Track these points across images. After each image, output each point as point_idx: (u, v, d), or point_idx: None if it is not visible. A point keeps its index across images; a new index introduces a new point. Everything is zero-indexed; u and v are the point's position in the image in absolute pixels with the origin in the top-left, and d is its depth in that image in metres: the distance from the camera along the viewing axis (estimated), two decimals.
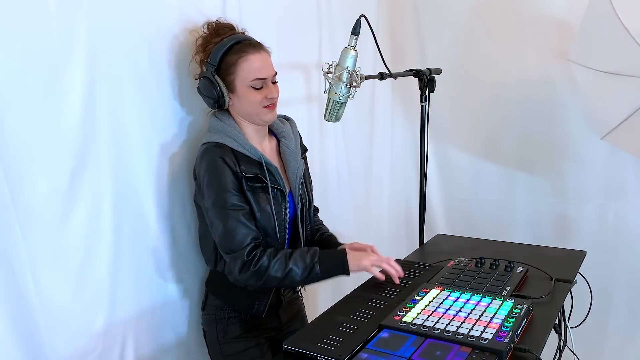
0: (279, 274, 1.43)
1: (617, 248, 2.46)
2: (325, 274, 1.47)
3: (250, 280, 1.44)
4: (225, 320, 1.58)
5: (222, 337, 1.58)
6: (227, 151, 1.46)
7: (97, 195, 1.38)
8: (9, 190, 1.17)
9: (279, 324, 1.66)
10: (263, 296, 1.57)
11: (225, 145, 1.47)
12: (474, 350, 1.13)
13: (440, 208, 2.86)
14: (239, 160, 1.47)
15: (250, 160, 1.49)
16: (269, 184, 1.50)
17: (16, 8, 1.16)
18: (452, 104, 2.67)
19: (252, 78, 1.47)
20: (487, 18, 2.54)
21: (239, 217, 1.44)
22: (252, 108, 1.51)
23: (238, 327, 1.58)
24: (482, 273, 1.56)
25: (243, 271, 1.43)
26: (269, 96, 1.50)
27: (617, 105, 2.02)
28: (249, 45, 1.48)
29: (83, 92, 1.32)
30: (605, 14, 1.87)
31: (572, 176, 2.50)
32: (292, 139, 1.64)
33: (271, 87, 1.52)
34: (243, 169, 1.46)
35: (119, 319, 1.47)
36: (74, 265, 1.34)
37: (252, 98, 1.49)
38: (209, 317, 1.62)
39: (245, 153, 1.49)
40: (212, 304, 1.61)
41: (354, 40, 1.54)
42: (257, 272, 1.42)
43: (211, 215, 1.46)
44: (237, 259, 1.43)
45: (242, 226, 1.44)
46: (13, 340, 1.20)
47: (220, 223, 1.44)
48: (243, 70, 1.47)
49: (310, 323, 1.36)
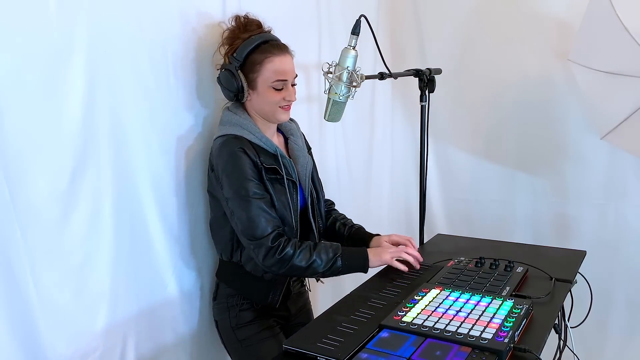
0: (303, 264, 1.48)
1: (617, 248, 2.46)
2: (346, 268, 1.53)
3: (274, 267, 1.49)
4: (238, 307, 1.61)
5: (235, 324, 1.62)
6: (245, 143, 1.51)
7: (97, 195, 1.38)
8: (8, 190, 1.17)
9: (288, 313, 1.70)
10: (278, 286, 1.61)
11: (243, 137, 1.52)
12: (473, 350, 1.13)
13: (440, 208, 2.86)
14: (258, 152, 1.52)
15: (267, 153, 1.55)
16: (284, 175, 1.55)
17: (16, 8, 1.16)
18: (452, 104, 2.67)
19: (275, 79, 1.52)
20: (487, 18, 2.54)
21: (262, 205, 1.49)
22: (269, 107, 1.56)
23: (250, 313, 1.62)
24: (482, 273, 1.56)
25: (267, 257, 1.47)
26: (287, 98, 1.56)
27: (617, 105, 2.02)
28: (275, 47, 1.53)
29: (83, 92, 1.31)
30: (605, 14, 1.87)
31: (572, 176, 2.50)
32: (299, 136, 1.71)
33: (290, 89, 1.57)
34: (263, 159, 1.52)
35: (119, 319, 1.47)
36: (74, 265, 1.33)
37: (271, 98, 1.54)
38: (220, 306, 1.65)
39: (262, 145, 1.54)
40: (223, 292, 1.64)
41: (354, 40, 1.54)
42: (282, 259, 1.47)
43: (232, 204, 1.49)
44: (261, 246, 1.47)
45: (265, 214, 1.48)
46: (13, 341, 1.20)
47: (244, 212, 1.48)
48: (267, 71, 1.52)
49: (310, 323, 1.36)
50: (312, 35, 2.17)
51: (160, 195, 1.56)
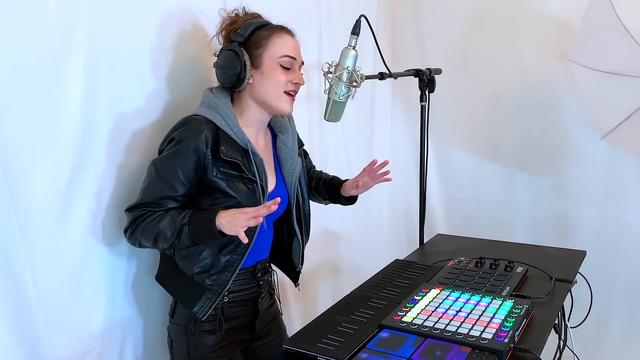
0: (150, 237, 1.31)
1: (617, 248, 2.46)
2: (196, 236, 1.30)
3: (130, 242, 1.36)
4: (197, 333, 1.42)
5: (194, 352, 1.42)
6: (209, 129, 1.33)
7: (96, 194, 1.38)
8: (8, 190, 1.17)
9: (252, 335, 1.53)
10: (210, 295, 1.38)
11: (212, 122, 1.35)
12: (473, 350, 1.13)
13: (440, 208, 2.86)
14: (221, 141, 1.34)
15: (234, 144, 1.36)
16: (248, 174, 1.37)
17: (16, 7, 1.16)
18: (452, 104, 2.67)
19: (283, 54, 1.39)
20: (487, 18, 2.54)
21: (164, 193, 1.32)
22: (274, 89, 1.39)
23: (211, 340, 1.42)
24: (482, 273, 1.56)
25: (126, 232, 1.35)
26: (294, 81, 1.41)
27: (617, 105, 2.02)
28: (284, 28, 1.43)
29: (82, 91, 1.31)
30: (605, 14, 1.87)
31: (572, 176, 2.51)
32: (290, 134, 1.55)
33: (298, 72, 1.43)
34: (222, 150, 1.33)
35: (117, 319, 1.47)
36: (73, 264, 1.34)
37: (277, 77, 1.38)
38: (178, 327, 1.44)
39: (232, 135, 1.37)
40: (181, 313, 1.44)
41: (354, 40, 1.54)
42: (131, 234, 1.33)
43: (149, 171, 1.35)
44: (128, 219, 1.35)
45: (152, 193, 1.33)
46: (12, 340, 1.20)
47: (144, 183, 1.35)
48: (275, 45, 1.39)
49: (310, 323, 1.36)
50: (312, 35, 2.17)
51: None
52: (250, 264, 1.47)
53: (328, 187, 1.69)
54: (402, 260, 1.76)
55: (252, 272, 1.49)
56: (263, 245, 1.52)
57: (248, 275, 1.48)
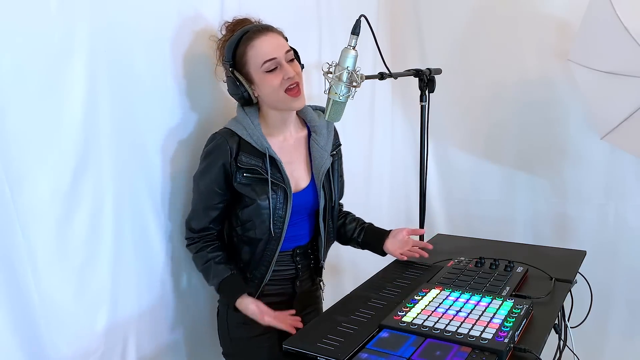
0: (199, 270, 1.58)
1: (617, 248, 2.46)
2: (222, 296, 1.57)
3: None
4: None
5: (232, 318, 1.58)
6: (233, 141, 1.48)
7: (98, 195, 1.38)
8: (10, 190, 1.17)
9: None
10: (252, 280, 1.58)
11: (236, 133, 1.49)
12: (473, 350, 1.13)
13: (440, 208, 2.86)
14: (241, 150, 1.48)
15: (253, 151, 1.49)
16: (269, 177, 1.49)
17: (17, 8, 1.16)
18: (452, 104, 2.66)
19: (262, 62, 1.44)
20: (487, 18, 2.54)
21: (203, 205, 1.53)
22: (274, 95, 1.48)
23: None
24: (482, 273, 1.56)
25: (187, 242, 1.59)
26: (285, 77, 1.45)
27: (617, 105, 2.02)
28: (255, 32, 1.46)
29: (84, 92, 1.32)
30: (605, 14, 1.87)
31: (572, 176, 2.50)
32: (324, 135, 1.63)
33: (286, 66, 1.46)
34: (241, 159, 1.48)
35: (120, 319, 1.47)
36: (76, 265, 1.34)
37: (269, 83, 1.46)
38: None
39: (252, 143, 1.49)
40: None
41: (354, 40, 1.53)
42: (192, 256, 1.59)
43: (193, 185, 1.56)
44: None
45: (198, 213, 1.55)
46: (14, 341, 1.20)
47: (193, 195, 1.56)
48: (252, 57, 1.45)
49: (310, 323, 1.36)
50: (312, 35, 2.17)
51: (161, 195, 1.57)
52: (288, 248, 1.59)
53: (366, 238, 1.77)
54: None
55: (290, 254, 1.61)
56: (298, 233, 1.61)
57: (287, 257, 1.60)
